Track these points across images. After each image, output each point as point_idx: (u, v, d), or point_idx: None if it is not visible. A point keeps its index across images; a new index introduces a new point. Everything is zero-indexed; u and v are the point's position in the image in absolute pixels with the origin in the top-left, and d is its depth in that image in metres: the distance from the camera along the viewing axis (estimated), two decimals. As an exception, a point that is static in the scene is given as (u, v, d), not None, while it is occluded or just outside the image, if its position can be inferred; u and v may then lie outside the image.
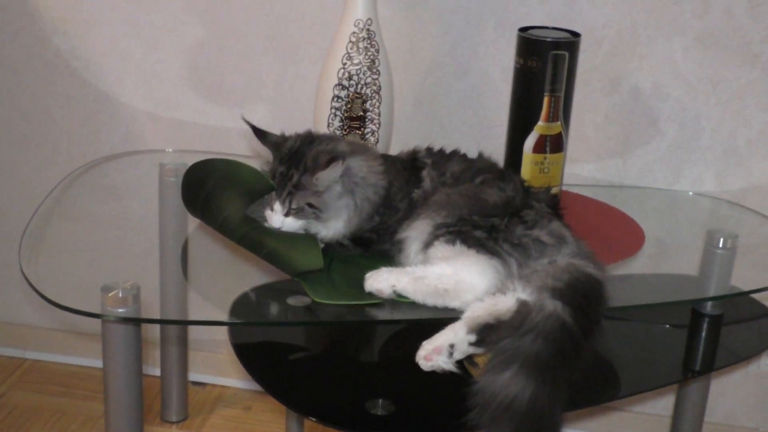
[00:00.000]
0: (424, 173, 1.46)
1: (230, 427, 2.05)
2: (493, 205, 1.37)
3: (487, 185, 1.42)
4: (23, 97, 2.05)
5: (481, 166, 1.49)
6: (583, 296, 1.26)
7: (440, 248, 1.32)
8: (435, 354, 1.23)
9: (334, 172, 1.38)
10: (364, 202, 1.42)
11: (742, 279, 1.61)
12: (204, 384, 2.19)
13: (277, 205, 1.40)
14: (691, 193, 1.90)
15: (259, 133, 1.48)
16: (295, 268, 1.35)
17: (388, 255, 1.42)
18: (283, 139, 1.46)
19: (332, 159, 1.37)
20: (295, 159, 1.40)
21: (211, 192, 1.45)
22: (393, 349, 1.55)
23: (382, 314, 1.30)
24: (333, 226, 1.42)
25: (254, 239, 1.40)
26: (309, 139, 1.44)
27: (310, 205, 1.39)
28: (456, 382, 1.22)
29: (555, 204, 1.46)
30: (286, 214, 1.40)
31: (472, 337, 1.22)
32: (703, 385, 1.79)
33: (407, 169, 1.48)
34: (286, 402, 1.39)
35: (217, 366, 2.18)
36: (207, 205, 1.46)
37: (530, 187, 1.47)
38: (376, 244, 1.44)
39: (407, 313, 1.30)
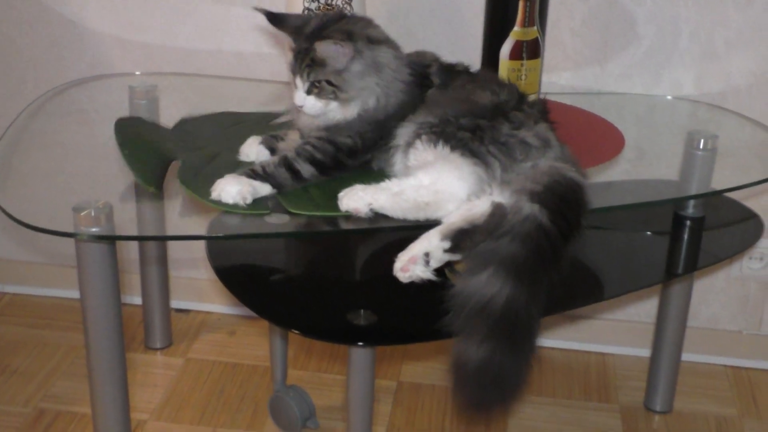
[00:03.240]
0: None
1: (215, 351, 2.04)
2: (482, 107, 1.34)
3: (480, 88, 1.38)
4: (-16, 25, 1.99)
5: (485, 77, 1.45)
6: (562, 199, 1.24)
7: (420, 150, 1.28)
8: (411, 264, 1.21)
9: (336, 50, 1.32)
10: (389, 87, 1.37)
11: (723, 182, 1.60)
12: (187, 311, 2.18)
13: (298, 81, 1.35)
14: (670, 97, 1.87)
15: (275, 19, 1.41)
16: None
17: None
18: (307, 18, 1.40)
19: (346, 38, 1.32)
20: (318, 35, 1.34)
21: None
22: (374, 262, 1.54)
23: (361, 224, 1.28)
24: (352, 110, 1.36)
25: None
26: (338, 17, 1.39)
27: (329, 83, 1.34)
28: (437, 290, 1.21)
29: (547, 114, 1.41)
30: (308, 92, 1.35)
31: (446, 244, 1.21)
32: (686, 288, 1.80)
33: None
34: (269, 317, 1.39)
35: (199, 292, 2.17)
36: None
37: (526, 95, 1.42)
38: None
39: (386, 222, 1.27)
